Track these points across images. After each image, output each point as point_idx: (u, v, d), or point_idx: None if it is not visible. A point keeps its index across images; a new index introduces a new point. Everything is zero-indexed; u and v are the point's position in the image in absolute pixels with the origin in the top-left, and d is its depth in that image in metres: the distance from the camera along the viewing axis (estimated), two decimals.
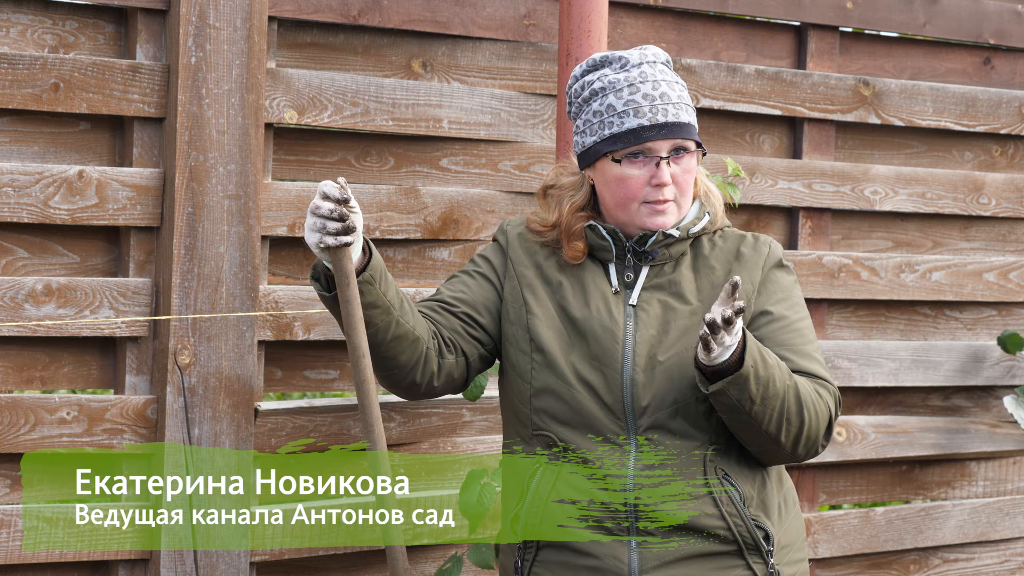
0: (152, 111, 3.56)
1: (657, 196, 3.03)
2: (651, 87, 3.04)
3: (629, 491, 2.96)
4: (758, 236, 3.15)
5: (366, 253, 2.96)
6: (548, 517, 3.01)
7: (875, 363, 4.66)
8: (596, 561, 2.97)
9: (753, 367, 2.86)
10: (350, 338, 2.95)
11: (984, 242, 4.92)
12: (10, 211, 3.43)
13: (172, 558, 3.56)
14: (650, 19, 4.35)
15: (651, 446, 2.96)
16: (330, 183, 2.86)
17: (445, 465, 4.01)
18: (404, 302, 3.01)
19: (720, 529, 2.97)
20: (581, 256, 3.09)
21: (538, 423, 3.03)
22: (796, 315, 3.08)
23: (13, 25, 3.48)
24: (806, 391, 2.97)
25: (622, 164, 3.03)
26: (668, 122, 3.02)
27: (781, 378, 2.92)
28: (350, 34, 3.89)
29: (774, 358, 2.93)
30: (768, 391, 2.90)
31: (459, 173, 4.04)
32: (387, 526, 3.07)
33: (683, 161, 3.04)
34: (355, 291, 2.92)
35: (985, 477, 4.95)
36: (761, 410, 2.90)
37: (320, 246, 2.87)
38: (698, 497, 2.96)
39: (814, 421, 2.98)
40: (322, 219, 2.86)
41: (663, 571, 2.96)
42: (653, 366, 2.98)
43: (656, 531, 2.96)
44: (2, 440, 3.43)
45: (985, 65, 4.94)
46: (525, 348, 3.05)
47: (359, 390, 2.98)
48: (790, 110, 4.52)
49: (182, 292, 3.55)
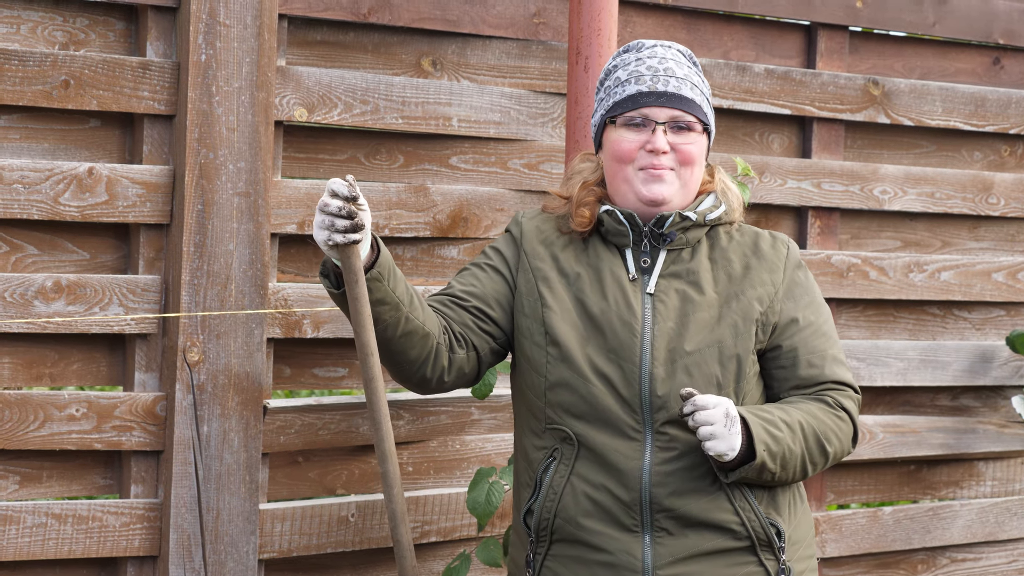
0: (162, 108, 3.57)
1: (652, 160, 3.04)
2: (657, 61, 3.08)
3: (644, 486, 2.96)
4: (775, 235, 3.17)
5: (375, 250, 2.96)
6: (561, 511, 3.01)
7: (883, 363, 4.66)
8: (609, 556, 2.97)
9: (766, 451, 2.91)
10: (358, 336, 2.95)
11: (993, 242, 4.91)
12: (20, 208, 3.43)
13: (181, 555, 3.57)
14: (660, 18, 4.35)
15: (667, 441, 2.97)
16: (338, 181, 2.87)
17: (453, 463, 4.01)
18: (414, 298, 3.01)
19: (734, 525, 2.98)
20: (587, 223, 3.10)
21: (552, 417, 3.03)
22: (821, 317, 3.11)
23: (24, 22, 3.48)
24: (825, 427, 3.02)
25: (620, 128, 3.06)
26: (668, 91, 3.05)
27: (796, 439, 2.97)
28: (360, 32, 3.89)
29: (783, 424, 2.96)
30: (786, 459, 2.96)
31: (468, 171, 4.04)
32: (395, 523, 3.07)
33: (684, 136, 3.05)
34: (363, 289, 2.92)
35: (993, 477, 4.94)
36: (784, 474, 2.98)
37: (328, 244, 2.88)
38: (713, 492, 2.97)
39: (838, 449, 3.05)
40: (330, 217, 2.86)
41: (677, 567, 2.96)
42: (673, 360, 2.99)
43: (670, 527, 2.96)
44: (11, 437, 3.43)
45: (995, 65, 4.93)
46: (540, 342, 3.05)
47: (367, 388, 2.98)
48: (799, 109, 4.52)
49: (191, 289, 3.56)
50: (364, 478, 3.90)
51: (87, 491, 3.62)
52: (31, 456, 3.50)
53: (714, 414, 2.87)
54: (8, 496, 3.49)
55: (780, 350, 3.06)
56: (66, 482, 3.56)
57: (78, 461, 3.56)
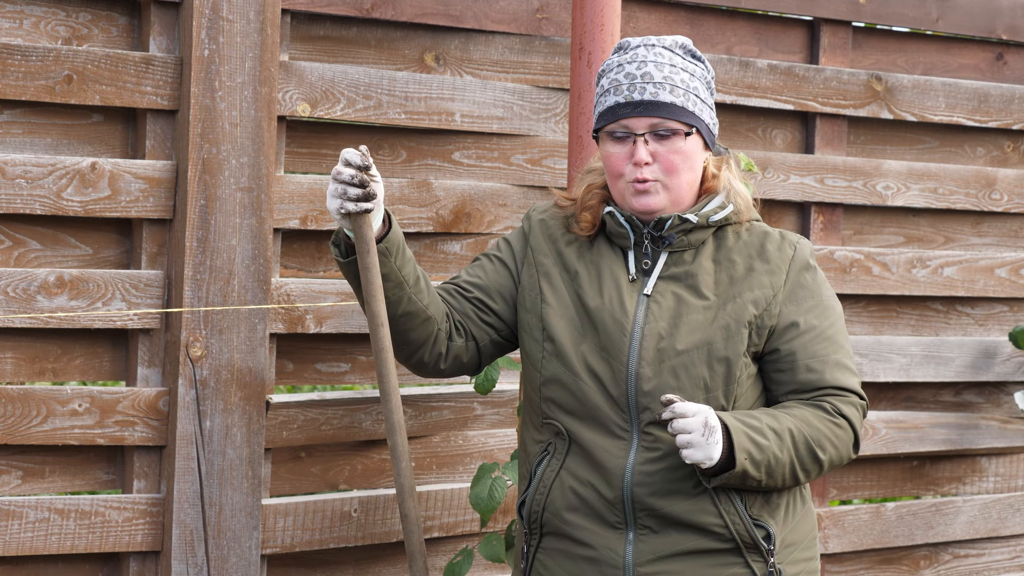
0: (165, 103, 3.56)
1: (636, 175, 3.01)
2: (636, 67, 3.02)
3: (627, 485, 2.95)
4: (784, 234, 3.11)
5: (386, 224, 2.97)
6: (549, 504, 3.01)
7: (886, 358, 4.66)
8: (593, 552, 2.97)
9: (747, 460, 2.87)
10: (369, 305, 2.95)
11: (996, 238, 4.91)
12: (23, 203, 3.43)
13: (183, 550, 3.57)
14: (663, 13, 4.34)
15: (652, 441, 2.96)
16: (352, 150, 2.88)
17: (456, 458, 4.01)
18: (420, 279, 3.01)
19: (717, 527, 2.95)
20: (588, 228, 3.09)
21: (547, 411, 3.03)
22: (826, 321, 3.04)
23: (27, 17, 3.48)
24: (819, 434, 2.96)
25: (606, 142, 3.04)
26: (644, 100, 2.99)
27: (784, 447, 2.92)
28: (363, 27, 3.89)
29: (770, 432, 2.92)
30: (772, 467, 2.92)
31: (471, 167, 4.04)
32: (403, 497, 3.06)
33: (668, 142, 3.00)
34: (375, 259, 2.93)
35: (996, 473, 4.94)
36: (771, 481, 2.94)
37: (340, 212, 2.88)
38: (696, 495, 2.95)
39: (834, 456, 2.99)
40: (343, 185, 2.87)
41: (658, 565, 2.95)
42: (661, 360, 2.97)
43: (653, 525, 2.95)
44: (14, 432, 3.44)
45: (998, 61, 4.93)
46: (537, 336, 3.05)
47: (377, 359, 2.99)
48: (802, 105, 4.52)
49: (194, 284, 3.55)
50: (367, 473, 3.90)
51: (90, 486, 3.62)
52: (34, 451, 3.50)
53: (692, 423, 2.83)
54: (11, 491, 3.49)
55: (778, 354, 3.01)
56: (69, 477, 3.56)
57: (81, 456, 3.56)
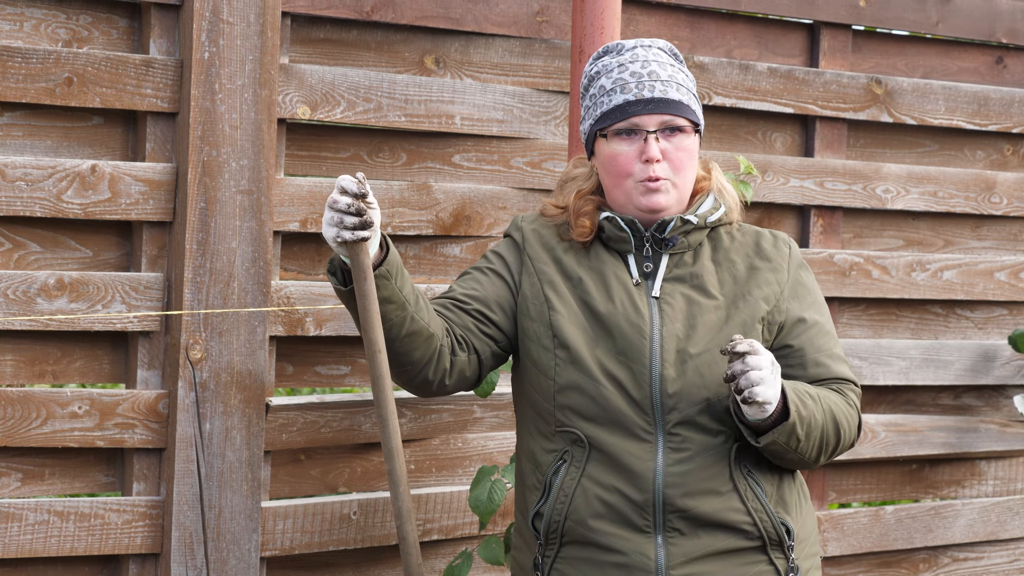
0: (165, 106, 3.56)
1: (648, 173, 3.03)
2: (640, 66, 3.05)
3: (658, 487, 2.96)
4: (776, 234, 3.17)
5: (383, 248, 2.96)
6: (572, 513, 3.00)
7: (885, 362, 4.66)
8: (623, 557, 2.97)
9: (797, 412, 2.90)
10: (366, 333, 2.95)
11: (995, 241, 4.91)
12: (23, 205, 3.43)
13: (183, 553, 3.57)
14: (663, 16, 4.35)
15: (679, 442, 2.97)
16: (348, 177, 2.86)
17: (455, 461, 4.01)
18: (420, 298, 3.01)
19: (746, 524, 2.98)
20: (588, 233, 3.09)
21: (562, 419, 3.03)
22: (824, 316, 3.12)
23: (27, 19, 3.48)
24: (840, 409, 3.02)
25: (612, 141, 3.05)
26: (655, 97, 3.02)
27: (819, 410, 2.97)
28: (363, 30, 3.89)
29: (807, 395, 2.96)
30: (811, 427, 2.95)
31: (471, 170, 4.04)
32: (401, 521, 3.06)
33: (676, 139, 3.04)
34: (372, 286, 2.92)
35: (995, 476, 4.94)
36: (806, 445, 2.96)
37: (337, 240, 2.88)
38: (725, 493, 2.97)
39: (847, 434, 3.05)
40: (340, 213, 2.86)
41: (690, 567, 2.96)
42: (683, 360, 2.98)
43: (683, 527, 2.96)
44: (14, 434, 3.44)
45: (997, 64, 4.93)
46: (548, 345, 3.05)
47: (375, 385, 2.98)
48: (802, 108, 4.52)
49: (194, 287, 3.56)
50: (366, 476, 3.90)
51: (89, 488, 3.62)
52: (33, 453, 3.50)
53: (763, 359, 2.84)
54: (10, 493, 3.49)
55: (790, 349, 3.06)
56: (68, 479, 3.56)
57: (80, 458, 3.56)
